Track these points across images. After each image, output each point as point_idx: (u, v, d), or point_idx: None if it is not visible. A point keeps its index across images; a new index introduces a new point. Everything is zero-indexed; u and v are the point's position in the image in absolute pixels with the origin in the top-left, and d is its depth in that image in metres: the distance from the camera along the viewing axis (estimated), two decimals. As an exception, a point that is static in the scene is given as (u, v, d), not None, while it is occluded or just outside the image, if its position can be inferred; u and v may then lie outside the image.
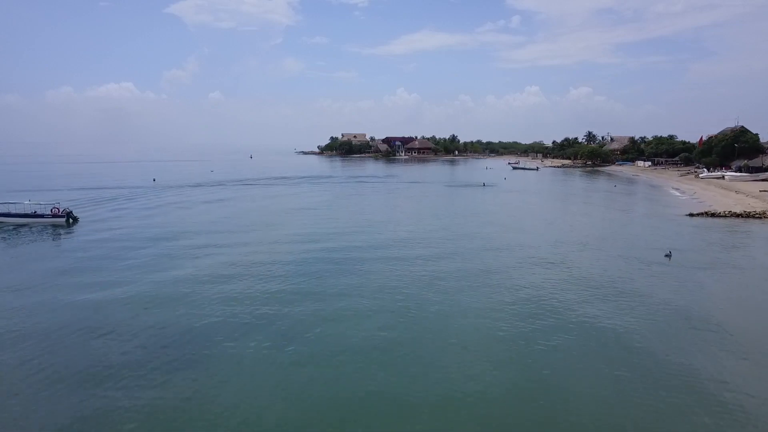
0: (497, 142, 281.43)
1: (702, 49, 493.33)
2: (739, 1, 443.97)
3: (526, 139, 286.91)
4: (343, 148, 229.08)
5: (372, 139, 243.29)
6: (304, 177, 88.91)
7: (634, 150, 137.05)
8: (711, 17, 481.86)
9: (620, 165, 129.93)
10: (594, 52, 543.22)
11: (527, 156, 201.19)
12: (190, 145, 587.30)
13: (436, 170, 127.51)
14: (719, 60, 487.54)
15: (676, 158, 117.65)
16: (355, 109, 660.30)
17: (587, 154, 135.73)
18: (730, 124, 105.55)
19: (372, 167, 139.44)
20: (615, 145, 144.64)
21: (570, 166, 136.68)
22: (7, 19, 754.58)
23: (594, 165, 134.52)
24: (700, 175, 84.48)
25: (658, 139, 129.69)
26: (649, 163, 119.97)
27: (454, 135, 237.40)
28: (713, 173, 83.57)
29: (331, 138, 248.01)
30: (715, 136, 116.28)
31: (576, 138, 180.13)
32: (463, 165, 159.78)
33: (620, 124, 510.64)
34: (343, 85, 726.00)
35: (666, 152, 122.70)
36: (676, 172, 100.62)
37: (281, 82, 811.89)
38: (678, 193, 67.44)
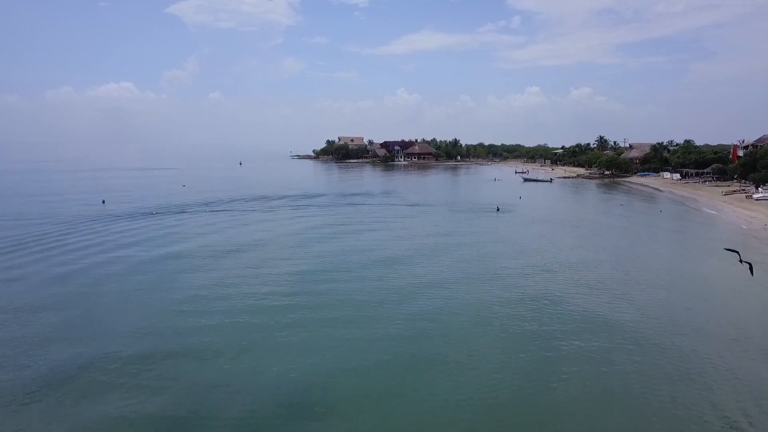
0: (500, 144, 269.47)
1: (702, 49, 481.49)
2: (739, 2, 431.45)
3: (528, 141, 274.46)
4: (339, 153, 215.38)
5: (370, 142, 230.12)
6: (286, 197, 74.72)
7: (657, 159, 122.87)
8: (711, 17, 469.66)
9: (642, 176, 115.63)
10: (594, 53, 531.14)
11: (534, 162, 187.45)
12: (190, 146, 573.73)
13: (438, 183, 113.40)
14: (720, 60, 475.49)
15: (708, 170, 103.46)
16: (356, 109, 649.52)
17: (605, 164, 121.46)
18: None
19: (368, 178, 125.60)
20: (634, 153, 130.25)
21: (585, 177, 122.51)
22: (7, 19, 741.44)
23: (613, 176, 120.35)
24: (754, 196, 70.19)
25: (686, 148, 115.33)
26: (678, 175, 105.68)
27: (456, 139, 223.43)
28: (770, 194, 69.29)
29: (327, 142, 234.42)
30: (754, 145, 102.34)
31: (588, 144, 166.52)
32: (467, 174, 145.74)
33: (621, 124, 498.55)
34: (344, 86, 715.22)
35: (695, 162, 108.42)
36: (715, 188, 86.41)
37: (281, 82, 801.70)
38: (744, 225, 53.19)
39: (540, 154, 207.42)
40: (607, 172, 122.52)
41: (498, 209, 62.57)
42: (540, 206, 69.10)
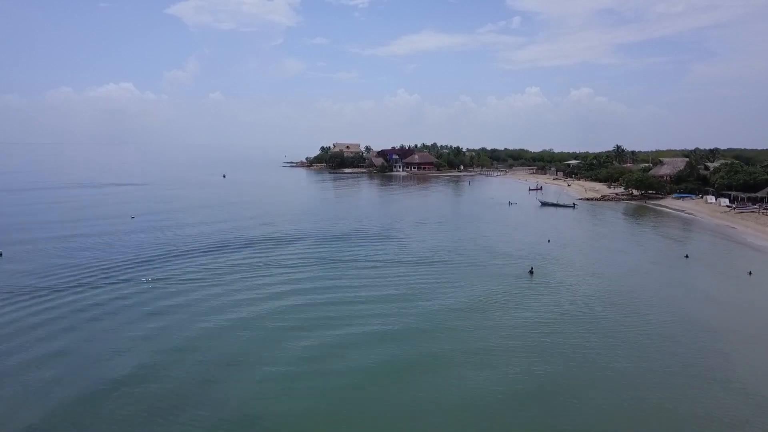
0: (503, 149, 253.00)
1: (703, 49, 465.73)
2: (740, 2, 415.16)
3: (531, 145, 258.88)
4: (334, 161, 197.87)
5: (367, 149, 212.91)
6: (251, 243, 57.05)
7: (693, 177, 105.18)
8: (712, 18, 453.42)
9: (679, 198, 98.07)
10: (595, 53, 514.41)
11: (545, 173, 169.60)
12: (189, 147, 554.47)
13: (445, 211, 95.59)
14: (721, 61, 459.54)
15: (763, 194, 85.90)
16: (356, 109, 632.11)
17: (635, 183, 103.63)
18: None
19: (363, 199, 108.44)
20: (666, 170, 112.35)
21: (611, 199, 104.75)
22: (7, 19, 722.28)
23: (643, 197, 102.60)
24: None
25: (731, 166, 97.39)
26: (725, 200, 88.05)
27: (458, 147, 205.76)
28: None
29: (322, 148, 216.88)
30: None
31: (606, 155, 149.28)
32: (475, 191, 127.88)
33: (622, 125, 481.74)
34: (344, 86, 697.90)
35: (743, 184, 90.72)
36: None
37: (282, 82, 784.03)
38: None
39: (548, 161, 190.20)
40: (635, 193, 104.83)
41: (531, 271, 45.15)
42: (579, 259, 51.49)
